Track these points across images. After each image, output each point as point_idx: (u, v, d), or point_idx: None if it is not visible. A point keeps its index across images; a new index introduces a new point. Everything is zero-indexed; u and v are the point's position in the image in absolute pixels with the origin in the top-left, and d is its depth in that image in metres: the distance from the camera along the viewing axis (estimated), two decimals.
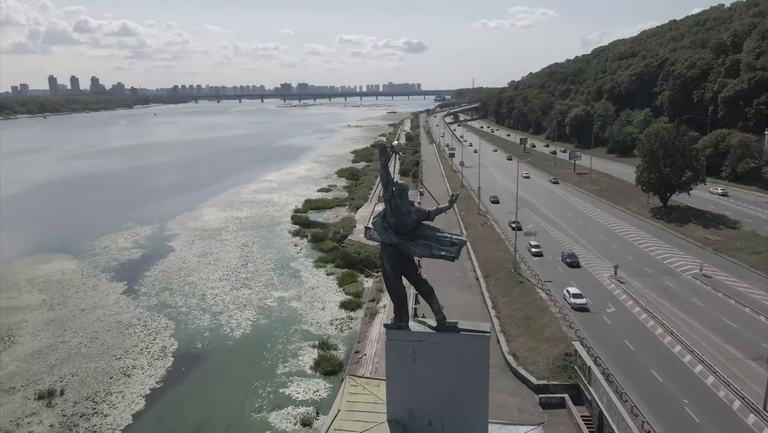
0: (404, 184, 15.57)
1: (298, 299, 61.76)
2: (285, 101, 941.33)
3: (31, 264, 73.75)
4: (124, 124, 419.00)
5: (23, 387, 43.10)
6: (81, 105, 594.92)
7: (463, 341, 14.23)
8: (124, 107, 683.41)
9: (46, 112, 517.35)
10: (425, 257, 15.18)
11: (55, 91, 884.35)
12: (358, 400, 15.46)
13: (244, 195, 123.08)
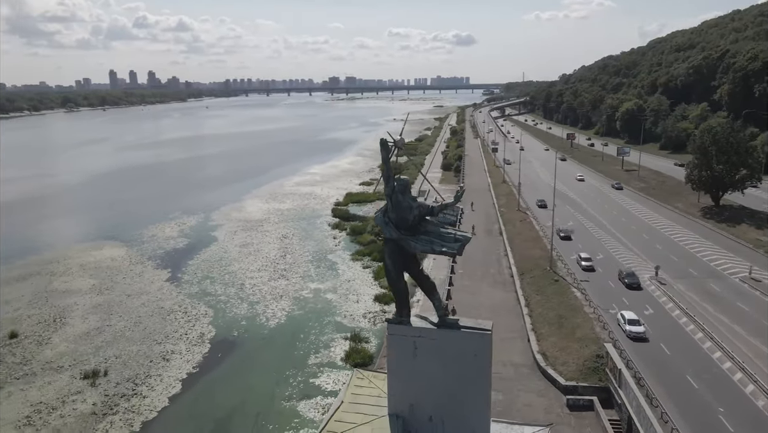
0: (406, 180, 15.65)
1: (333, 291, 62.57)
2: (332, 95, 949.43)
3: (85, 250, 77.51)
4: (177, 116, 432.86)
5: (71, 367, 45.52)
6: (138, 98, 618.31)
7: (463, 338, 14.22)
8: (178, 101, 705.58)
9: (106, 105, 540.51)
10: (426, 252, 15.25)
11: (115, 85, 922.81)
12: (362, 393, 15.68)
13: (287, 187, 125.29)
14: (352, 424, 14.31)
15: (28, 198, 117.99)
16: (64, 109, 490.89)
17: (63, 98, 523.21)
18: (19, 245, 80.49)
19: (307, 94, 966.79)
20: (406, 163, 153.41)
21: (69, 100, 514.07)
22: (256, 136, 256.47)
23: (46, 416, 38.89)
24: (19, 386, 42.76)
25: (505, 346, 41.49)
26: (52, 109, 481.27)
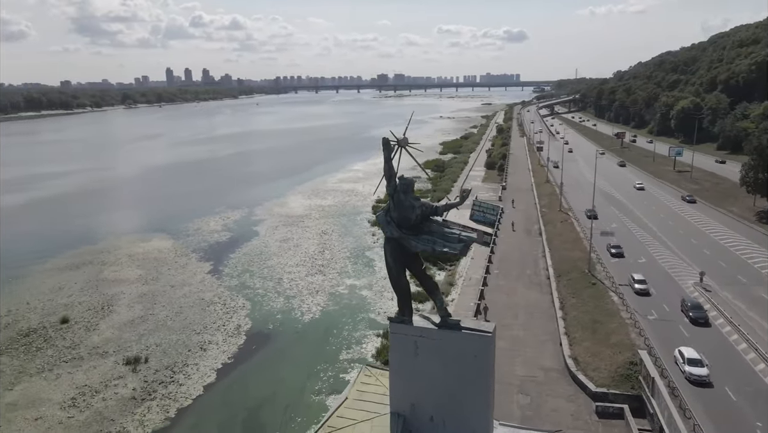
0: (409, 179, 15.70)
1: (369, 287, 63.02)
2: (380, 92, 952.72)
3: (134, 242, 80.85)
4: (229, 113, 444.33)
5: (115, 352, 47.68)
6: (192, 95, 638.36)
7: (464, 339, 14.18)
8: (230, 97, 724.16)
9: (162, 101, 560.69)
10: (427, 252, 15.25)
11: (171, 82, 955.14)
12: (367, 390, 15.86)
13: (329, 184, 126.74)
14: (353, 420, 14.52)
15: (86, 190, 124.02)
16: (123, 106, 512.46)
17: (123, 95, 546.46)
18: (75, 235, 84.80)
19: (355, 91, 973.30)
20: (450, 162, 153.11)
21: (128, 97, 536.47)
22: (302, 133, 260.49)
23: (89, 399, 40.92)
24: (67, 369, 45.14)
25: (536, 349, 40.89)
26: (112, 106, 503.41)
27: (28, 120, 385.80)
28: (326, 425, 14.30)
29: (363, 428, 14.15)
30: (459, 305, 53.45)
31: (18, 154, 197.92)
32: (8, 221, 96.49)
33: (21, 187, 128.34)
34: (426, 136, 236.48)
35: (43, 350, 48.41)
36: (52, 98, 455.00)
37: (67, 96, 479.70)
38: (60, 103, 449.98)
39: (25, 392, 41.84)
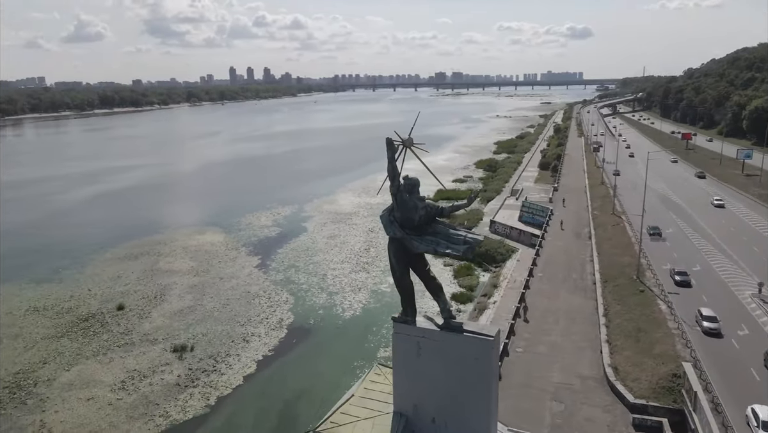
0: (414, 179, 15.68)
1: None
2: (438, 90, 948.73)
3: (189, 234, 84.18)
4: (286, 111, 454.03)
5: (163, 340, 49.93)
6: (253, 93, 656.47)
7: (465, 342, 14.08)
8: (289, 95, 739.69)
9: (225, 99, 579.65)
10: (429, 253, 15.20)
11: (234, 80, 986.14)
12: (375, 388, 16.02)
13: (379, 182, 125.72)
14: (355, 418, 14.71)
15: (150, 184, 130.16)
16: (188, 104, 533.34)
17: (188, 93, 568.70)
18: (136, 227, 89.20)
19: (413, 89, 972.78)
20: (503, 161, 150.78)
21: (193, 95, 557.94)
22: (356, 131, 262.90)
23: (137, 383, 43.06)
24: (119, 354, 47.67)
25: (574, 356, 39.81)
26: (178, 104, 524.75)
27: (102, 117, 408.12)
28: (329, 421, 14.57)
29: (364, 426, 14.33)
30: (501, 308, 52.72)
31: (91, 149, 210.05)
32: (78, 212, 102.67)
33: (93, 180, 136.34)
34: (480, 135, 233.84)
35: (100, 334, 51.30)
36: (124, 96, 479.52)
37: (137, 94, 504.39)
38: (131, 100, 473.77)
39: (81, 373, 44.49)
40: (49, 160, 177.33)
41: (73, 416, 38.94)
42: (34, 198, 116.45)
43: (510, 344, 41.23)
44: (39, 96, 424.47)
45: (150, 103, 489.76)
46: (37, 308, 57.22)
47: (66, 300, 59.14)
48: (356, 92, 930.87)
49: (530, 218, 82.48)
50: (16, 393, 41.86)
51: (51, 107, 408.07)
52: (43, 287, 63.10)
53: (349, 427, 14.27)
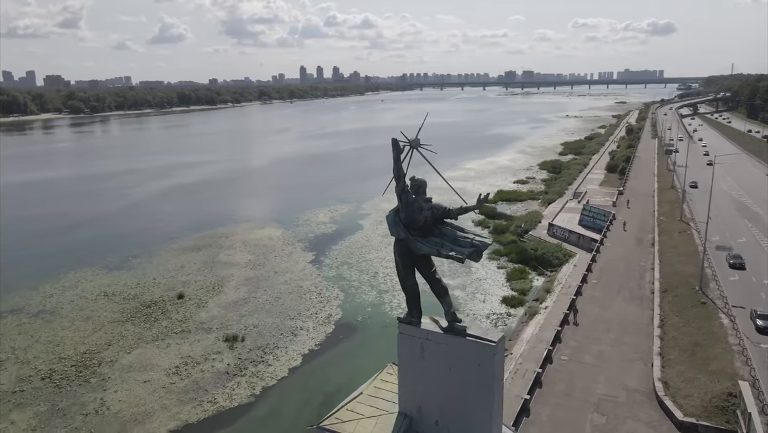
0: (420, 180, 15.63)
1: (461, 288, 62.58)
2: (507, 89, 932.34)
3: (250, 229, 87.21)
4: (353, 109, 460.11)
5: (217, 329, 52.09)
6: (321, 92, 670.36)
7: (467, 346, 13.96)
8: (357, 94, 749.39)
9: (294, 98, 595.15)
10: (432, 255, 15.12)
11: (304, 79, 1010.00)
12: (384, 388, 16.16)
13: (439, 181, 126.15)
14: (360, 415, 14.89)
15: (217, 179, 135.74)
16: (259, 102, 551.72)
17: (259, 92, 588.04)
18: (202, 220, 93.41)
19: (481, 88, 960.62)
20: (568, 163, 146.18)
21: (264, 94, 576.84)
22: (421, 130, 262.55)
23: (190, 369, 45.20)
24: (176, 340, 50.18)
25: (622, 367, 38.21)
26: (250, 102, 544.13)
27: (180, 114, 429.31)
28: (333, 417, 14.83)
29: (367, 424, 14.50)
30: (552, 314, 51.38)
31: (167, 144, 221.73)
32: (152, 205, 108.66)
33: (167, 174, 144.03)
34: (547, 135, 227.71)
35: (160, 321, 54.18)
36: (200, 95, 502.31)
37: (212, 92, 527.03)
38: (206, 99, 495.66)
39: (140, 357, 47.20)
40: (129, 155, 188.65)
41: (129, 396, 41.40)
42: (114, 190, 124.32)
43: (555, 352, 40.12)
44: (124, 94, 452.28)
45: (224, 101, 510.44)
46: (107, 293, 61.16)
47: (133, 287, 62.83)
48: (423, 91, 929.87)
49: (590, 222, 79.67)
50: (81, 372, 44.99)
51: (134, 105, 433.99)
52: (114, 274, 67.36)
53: (352, 424, 14.48)
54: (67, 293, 61.19)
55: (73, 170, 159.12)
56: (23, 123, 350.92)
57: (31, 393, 42.15)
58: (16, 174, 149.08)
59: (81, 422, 38.64)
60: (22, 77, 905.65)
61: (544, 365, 38.08)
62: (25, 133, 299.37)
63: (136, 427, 37.95)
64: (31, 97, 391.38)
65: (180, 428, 37.88)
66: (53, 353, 47.99)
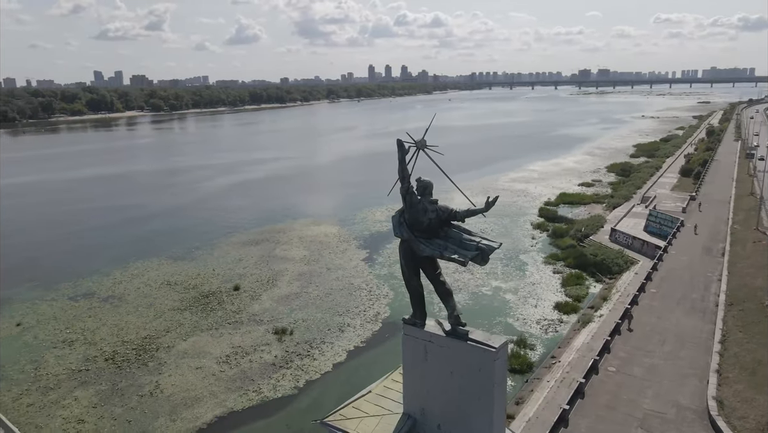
0: (426, 181, 15.52)
1: (513, 291, 61.41)
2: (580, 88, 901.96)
3: (307, 225, 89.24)
4: (419, 108, 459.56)
5: (267, 322, 53.72)
6: (389, 90, 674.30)
7: (467, 351, 13.78)
8: (424, 93, 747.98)
9: (361, 96, 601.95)
10: (435, 257, 14.98)
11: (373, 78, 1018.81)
12: (393, 388, 16.23)
13: (500, 182, 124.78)
14: (364, 413, 15.03)
15: (280, 175, 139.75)
16: (327, 100, 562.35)
17: (327, 90, 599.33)
18: (263, 215, 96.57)
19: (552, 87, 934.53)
20: (639, 166, 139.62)
21: (332, 92, 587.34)
22: (486, 129, 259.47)
23: (239, 359, 46.89)
24: (228, 330, 52.19)
25: (674, 383, 36.23)
26: (318, 100, 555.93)
27: (251, 112, 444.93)
28: (338, 413, 15.06)
29: (369, 423, 14.62)
30: (606, 322, 49.52)
31: (238, 141, 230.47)
32: (218, 199, 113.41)
33: (234, 169, 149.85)
34: (619, 137, 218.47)
35: (215, 311, 56.51)
36: (271, 93, 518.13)
37: (282, 91, 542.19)
38: (276, 97, 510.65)
39: (194, 344, 49.46)
40: (202, 151, 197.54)
41: (182, 381, 43.50)
42: (186, 184, 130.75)
43: (602, 362, 38.61)
44: (200, 93, 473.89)
45: (293, 99, 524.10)
46: (169, 282, 64.45)
47: (193, 277, 65.86)
48: (492, 90, 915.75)
49: (656, 229, 75.94)
50: (141, 355, 47.72)
51: (209, 103, 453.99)
52: (177, 264, 70.86)
53: (355, 421, 14.65)
54: (134, 281, 64.99)
55: (150, 165, 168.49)
56: (109, 120, 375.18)
57: (95, 372, 45.15)
58: (99, 168, 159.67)
59: (136, 402, 40.99)
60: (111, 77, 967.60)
61: (589, 375, 36.74)
62: (111, 129, 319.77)
63: (185, 411, 39.85)
64: (117, 95, 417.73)
65: (225, 415, 39.43)
66: (117, 336, 51.15)
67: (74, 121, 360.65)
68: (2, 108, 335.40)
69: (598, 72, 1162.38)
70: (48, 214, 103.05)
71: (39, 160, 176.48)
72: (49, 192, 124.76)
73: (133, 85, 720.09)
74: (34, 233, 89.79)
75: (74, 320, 54.84)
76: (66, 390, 42.71)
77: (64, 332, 52.24)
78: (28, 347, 49.74)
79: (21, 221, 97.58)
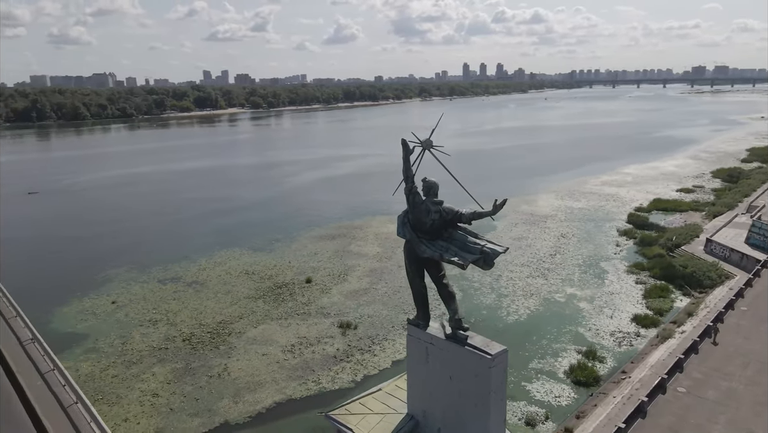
0: (431, 182, 15.30)
1: (589, 300, 58.65)
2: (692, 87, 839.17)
3: (383, 222, 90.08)
4: (512, 107, 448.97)
5: (334, 315, 55.04)
6: (482, 89, 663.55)
7: (464, 355, 13.52)
8: (519, 92, 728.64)
9: (454, 95, 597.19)
10: (435, 258, 14.72)
11: (467, 76, 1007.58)
12: (403, 388, 16.24)
13: (589, 185, 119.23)
14: (368, 410, 15.15)
15: (365, 172, 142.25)
16: (419, 98, 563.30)
17: (420, 88, 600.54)
18: (342, 210, 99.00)
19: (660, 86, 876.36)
20: (751, 171, 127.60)
21: (424, 90, 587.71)
22: (581, 129, 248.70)
23: (303, 349, 48.48)
24: (296, 321, 54.09)
25: (752, 411, 33.06)
26: (410, 98, 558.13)
27: (344, 109, 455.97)
28: (344, 408, 15.31)
29: (372, 420, 14.73)
30: (687, 338, 46.11)
31: (329, 138, 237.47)
32: (302, 193, 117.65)
33: (323, 165, 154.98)
34: (731, 139, 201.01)
35: (286, 301, 58.75)
36: (364, 91, 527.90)
37: (375, 89, 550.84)
38: (369, 95, 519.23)
39: (263, 332, 51.76)
40: (294, 146, 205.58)
41: (248, 366, 45.72)
42: (275, 178, 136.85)
43: (671, 381, 35.98)
44: (296, 91, 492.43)
45: (385, 97, 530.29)
46: (247, 271, 67.80)
47: (270, 268, 68.82)
48: (593, 89, 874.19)
49: (759, 241, 69.26)
50: (214, 339, 50.69)
51: (305, 101, 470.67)
52: (257, 255, 74.37)
53: (358, 417, 14.84)
54: (216, 268, 69.03)
55: (244, 159, 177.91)
56: (213, 116, 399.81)
57: (172, 351, 48.57)
58: (199, 161, 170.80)
59: (205, 382, 43.63)
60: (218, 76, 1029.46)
61: (654, 393, 34.40)
62: (213, 124, 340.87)
63: (247, 394, 41.88)
64: (221, 93, 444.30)
65: (283, 401, 40.99)
66: (196, 319, 54.66)
67: (182, 117, 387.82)
68: (122, 105, 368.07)
69: (715, 69, 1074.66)
70: (152, 203, 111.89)
71: (149, 153, 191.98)
72: (155, 183, 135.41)
73: (237, 83, 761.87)
74: (138, 219, 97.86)
75: (160, 302, 59.25)
76: (146, 365, 46.31)
77: (151, 312, 56.62)
78: (119, 324, 54.42)
79: (130, 208, 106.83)
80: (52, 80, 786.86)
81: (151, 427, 38.39)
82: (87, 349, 49.42)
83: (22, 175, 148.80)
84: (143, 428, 38.24)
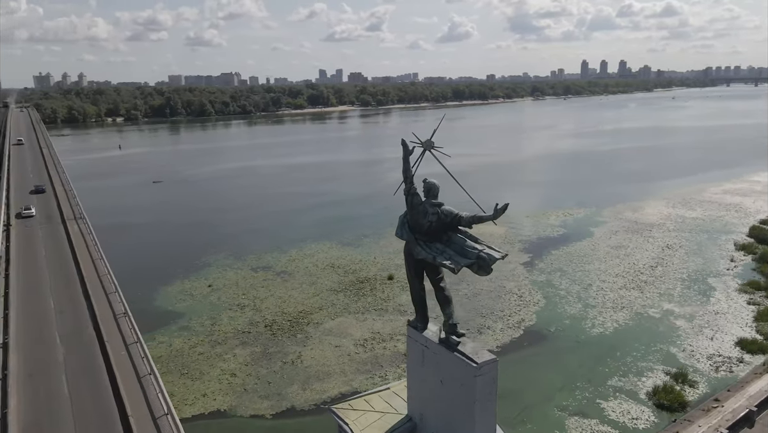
0: (432, 183, 14.78)
1: (688, 318, 53.85)
2: None
3: None
4: (633, 107, 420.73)
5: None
6: (601, 88, 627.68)
7: (452, 361, 13.04)
8: (643, 90, 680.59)
9: (569, 94, 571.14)
10: (429, 261, 14.22)
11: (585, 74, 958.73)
12: None
13: (707, 193, 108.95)
14: (370, 408, 15.09)
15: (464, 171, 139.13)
16: (531, 97, 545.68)
17: (532, 87, 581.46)
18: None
19: None
20: None
21: (536, 89, 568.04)
22: (709, 132, 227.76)
23: (375, 344, 49.17)
24: (373, 316, 54.96)
25: None
26: (521, 97, 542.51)
27: (452, 108, 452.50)
28: (348, 402, 15.44)
29: (370, 417, 14.68)
30: None
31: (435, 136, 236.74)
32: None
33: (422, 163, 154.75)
34: None
35: (366, 296, 59.85)
36: (473, 90, 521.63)
37: (485, 88, 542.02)
38: (478, 94, 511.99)
39: (340, 324, 53.19)
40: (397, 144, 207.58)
41: (320, 356, 47.25)
42: (373, 174, 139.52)
43: (762, 415, 32.07)
44: (405, 89, 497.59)
45: (495, 96, 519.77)
46: (333, 264, 69.91)
47: (355, 263, 70.43)
48: (731, 87, 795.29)
49: None
50: (293, 327, 52.93)
51: (413, 99, 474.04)
52: (344, 249, 76.42)
53: (358, 413, 14.90)
54: (305, 260, 71.89)
55: (349, 155, 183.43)
56: (324, 113, 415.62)
57: (254, 336, 51.41)
58: (306, 156, 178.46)
59: (279, 367, 45.74)
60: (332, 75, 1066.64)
61: (741, 425, 30.90)
62: (324, 121, 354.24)
63: (316, 382, 43.32)
64: (333, 91, 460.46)
65: (348, 393, 41.66)
66: (279, 307, 57.39)
67: (296, 114, 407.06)
68: (243, 102, 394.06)
69: None
70: (256, 195, 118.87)
71: (261, 148, 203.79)
72: (263, 175, 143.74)
73: (350, 81, 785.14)
74: (242, 209, 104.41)
75: (250, 288, 62.88)
76: (229, 347, 49.43)
77: (240, 297, 60.29)
78: (212, 306, 58.52)
79: (236, 199, 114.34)
80: (186, 80, 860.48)
81: (226, 404, 40.96)
82: (181, 327, 53.70)
83: (151, 164, 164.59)
84: (218, 405, 40.91)
